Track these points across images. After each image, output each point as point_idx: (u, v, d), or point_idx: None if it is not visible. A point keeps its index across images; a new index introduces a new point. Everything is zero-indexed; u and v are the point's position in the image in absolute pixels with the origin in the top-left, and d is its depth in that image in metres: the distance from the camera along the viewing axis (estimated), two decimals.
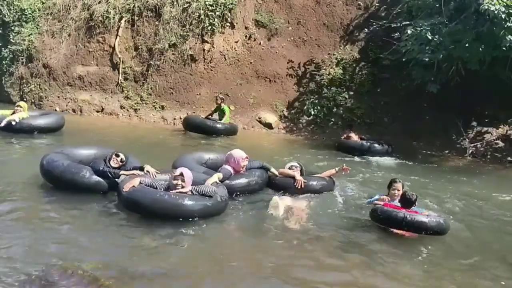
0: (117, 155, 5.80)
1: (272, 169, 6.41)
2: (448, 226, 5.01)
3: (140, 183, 5.07)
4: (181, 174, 5.09)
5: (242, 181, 5.93)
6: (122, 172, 5.54)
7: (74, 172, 5.43)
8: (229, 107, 11.78)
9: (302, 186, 6.10)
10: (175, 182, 5.05)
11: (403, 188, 5.53)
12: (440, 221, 4.91)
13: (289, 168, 6.41)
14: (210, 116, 11.56)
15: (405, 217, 4.84)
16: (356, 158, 9.66)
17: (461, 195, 7.03)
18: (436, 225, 4.85)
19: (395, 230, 5.00)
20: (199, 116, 11.62)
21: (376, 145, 10.12)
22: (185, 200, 4.83)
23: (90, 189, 5.44)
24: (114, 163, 5.73)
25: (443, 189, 7.38)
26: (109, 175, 5.47)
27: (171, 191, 5.00)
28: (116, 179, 5.45)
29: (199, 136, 10.67)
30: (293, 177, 6.19)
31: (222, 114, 11.41)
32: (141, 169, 5.54)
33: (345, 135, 10.75)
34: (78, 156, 6.14)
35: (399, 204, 5.16)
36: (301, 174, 6.38)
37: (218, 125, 11.05)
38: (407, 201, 5.06)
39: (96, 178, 5.46)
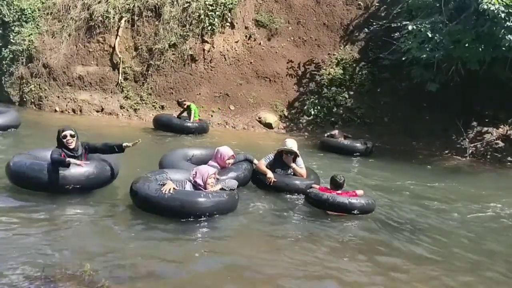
0: (65, 136, 5.37)
1: (255, 161, 6.44)
2: (372, 206, 5.49)
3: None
4: (214, 173, 5.25)
5: (231, 175, 5.89)
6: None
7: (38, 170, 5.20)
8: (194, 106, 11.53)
9: (271, 184, 6.11)
10: (209, 181, 5.15)
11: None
12: (362, 202, 5.39)
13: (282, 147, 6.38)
14: (181, 115, 11.49)
15: (327, 198, 5.38)
16: (355, 158, 9.71)
17: (460, 194, 7.03)
18: (359, 205, 5.37)
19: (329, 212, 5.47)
20: (170, 115, 11.58)
21: (357, 144, 10.07)
22: (224, 197, 5.01)
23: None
24: (71, 145, 5.38)
25: (442, 188, 7.39)
26: None
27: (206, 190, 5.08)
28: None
29: (168, 134, 10.60)
30: (265, 174, 6.18)
31: (189, 112, 11.30)
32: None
33: (329, 134, 10.70)
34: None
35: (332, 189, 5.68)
36: (295, 157, 6.37)
37: (188, 124, 11.00)
38: (335, 184, 5.60)
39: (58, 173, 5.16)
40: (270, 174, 6.16)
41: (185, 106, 11.41)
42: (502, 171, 9.54)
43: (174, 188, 4.90)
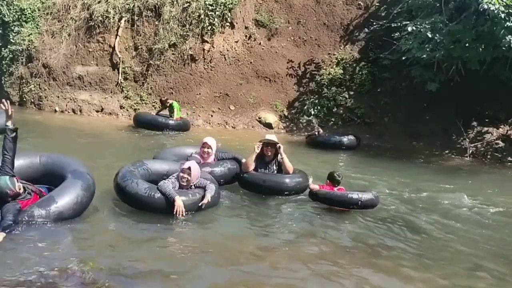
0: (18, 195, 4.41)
1: (243, 160, 6.17)
2: (377, 200, 5.70)
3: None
4: (189, 169, 5.18)
5: (206, 169, 5.83)
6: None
7: None
8: (177, 102, 11.66)
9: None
10: (181, 175, 5.16)
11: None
12: (372, 197, 5.61)
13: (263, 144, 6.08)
14: (159, 113, 11.58)
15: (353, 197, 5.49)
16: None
17: (460, 194, 7.02)
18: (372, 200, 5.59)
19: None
20: (149, 113, 11.66)
21: (343, 139, 10.46)
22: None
23: None
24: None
25: (442, 188, 7.38)
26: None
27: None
28: None
29: (151, 132, 10.64)
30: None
31: (171, 110, 11.32)
32: None
33: (317, 132, 10.93)
34: None
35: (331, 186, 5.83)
36: (276, 151, 6.10)
37: (170, 121, 11.01)
38: (334, 181, 5.77)
39: None
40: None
41: (168, 104, 11.43)
42: (502, 171, 9.53)
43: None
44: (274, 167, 6.20)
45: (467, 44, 9.50)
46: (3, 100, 4.56)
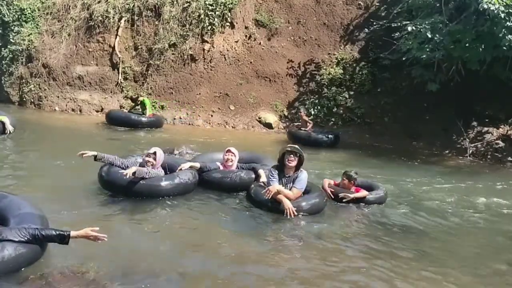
0: None
1: (260, 172, 5.78)
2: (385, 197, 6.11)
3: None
4: (154, 153, 5.47)
5: (216, 175, 5.95)
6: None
7: None
8: (148, 100, 11.75)
9: (293, 215, 4.94)
10: (147, 159, 5.50)
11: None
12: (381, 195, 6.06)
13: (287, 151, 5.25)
14: (132, 110, 11.70)
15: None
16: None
17: (461, 194, 7.02)
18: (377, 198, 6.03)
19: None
20: (122, 110, 11.83)
21: (322, 136, 10.60)
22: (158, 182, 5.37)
23: None
24: None
25: (442, 188, 7.38)
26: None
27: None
28: None
29: (124, 129, 10.73)
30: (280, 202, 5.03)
31: (143, 107, 11.43)
32: None
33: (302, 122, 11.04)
34: None
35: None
36: (299, 162, 5.32)
37: (143, 118, 11.14)
38: (351, 179, 5.98)
39: None
40: (287, 202, 4.97)
41: (139, 101, 11.51)
42: (502, 171, 9.53)
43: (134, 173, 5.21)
44: (291, 185, 5.27)
45: (467, 44, 9.52)
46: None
